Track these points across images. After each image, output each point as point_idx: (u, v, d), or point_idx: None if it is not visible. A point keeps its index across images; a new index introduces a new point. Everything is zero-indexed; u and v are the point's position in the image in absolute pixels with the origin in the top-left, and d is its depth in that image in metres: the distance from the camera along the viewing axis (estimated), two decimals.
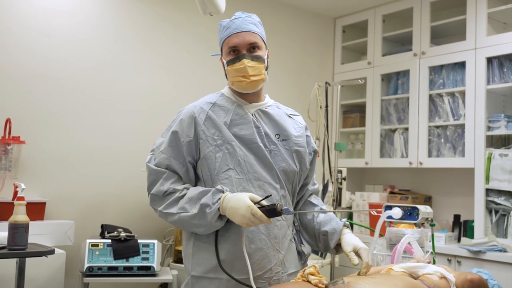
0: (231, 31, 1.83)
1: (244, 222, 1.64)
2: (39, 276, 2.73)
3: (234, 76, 1.83)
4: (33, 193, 3.10)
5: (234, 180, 1.77)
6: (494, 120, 3.61)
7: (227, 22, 1.86)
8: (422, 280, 1.69)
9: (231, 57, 1.83)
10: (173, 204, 1.74)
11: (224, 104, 1.86)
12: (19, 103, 3.12)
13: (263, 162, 1.81)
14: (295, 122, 1.97)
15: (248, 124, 1.82)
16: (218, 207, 1.68)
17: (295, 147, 1.88)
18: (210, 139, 1.78)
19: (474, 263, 3.33)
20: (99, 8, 3.46)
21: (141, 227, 3.47)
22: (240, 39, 1.82)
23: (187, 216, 1.71)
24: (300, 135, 1.94)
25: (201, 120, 1.80)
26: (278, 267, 1.80)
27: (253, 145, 1.80)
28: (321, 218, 1.91)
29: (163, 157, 1.79)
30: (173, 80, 3.77)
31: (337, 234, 1.83)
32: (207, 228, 1.71)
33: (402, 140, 4.18)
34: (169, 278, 2.94)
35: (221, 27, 1.87)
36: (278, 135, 1.88)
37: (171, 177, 1.78)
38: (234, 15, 1.87)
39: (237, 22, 1.84)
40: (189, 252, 1.81)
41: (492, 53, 3.61)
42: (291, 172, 1.86)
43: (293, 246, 1.89)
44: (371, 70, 4.41)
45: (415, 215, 2.17)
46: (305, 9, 4.58)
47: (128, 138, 3.51)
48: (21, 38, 3.14)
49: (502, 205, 3.50)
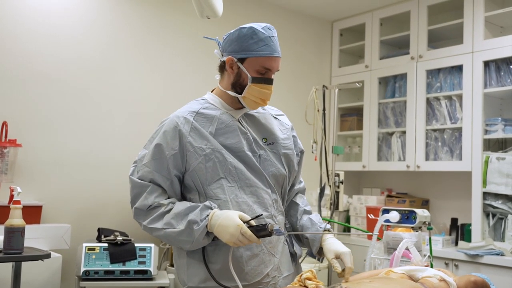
0: (270, 52, 1.76)
1: (232, 241, 1.61)
2: (35, 280, 2.71)
3: (253, 96, 1.78)
4: (29, 196, 3.09)
5: (226, 189, 1.74)
6: (491, 124, 3.61)
7: (264, 36, 1.76)
8: (422, 283, 1.69)
9: (259, 77, 1.77)
10: (158, 219, 1.70)
11: (208, 113, 1.81)
12: (16, 107, 3.11)
13: (253, 169, 1.79)
14: (281, 124, 1.96)
15: (234, 132, 1.79)
16: (206, 224, 1.65)
17: (283, 150, 1.87)
18: (198, 149, 1.74)
19: (471, 267, 3.32)
20: (95, 11, 3.45)
21: (138, 231, 3.45)
22: (276, 64, 1.80)
23: (174, 232, 1.68)
24: (287, 137, 1.92)
25: (186, 132, 1.75)
26: (274, 272, 1.79)
27: (241, 153, 1.78)
28: (303, 222, 1.90)
29: (146, 171, 1.74)
30: (170, 83, 3.76)
31: (318, 241, 1.82)
32: (193, 245, 1.68)
33: (399, 143, 4.18)
34: (166, 282, 2.93)
35: (255, 36, 1.76)
36: (265, 139, 1.86)
37: (155, 190, 1.73)
38: (267, 27, 1.78)
39: (275, 43, 1.79)
40: (183, 263, 1.78)
41: (489, 57, 3.61)
42: (280, 176, 1.85)
43: (286, 248, 1.88)
44: (368, 73, 4.41)
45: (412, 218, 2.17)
46: (302, 12, 4.58)
47: (124, 141, 3.50)
48: (17, 41, 3.13)
49: (500, 208, 3.50)
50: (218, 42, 1.86)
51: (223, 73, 1.87)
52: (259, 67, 1.76)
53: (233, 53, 1.78)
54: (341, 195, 3.59)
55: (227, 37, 1.82)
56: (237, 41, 1.77)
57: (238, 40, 1.77)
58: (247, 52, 1.76)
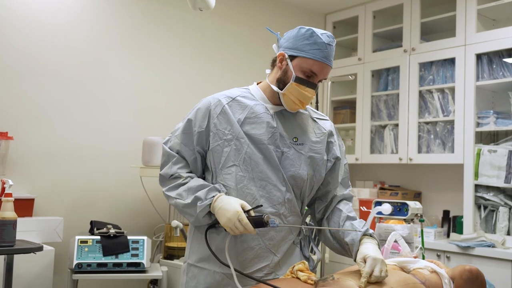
0: (321, 57, 1.75)
1: (229, 226, 1.65)
2: (27, 272, 2.71)
3: (293, 96, 1.78)
4: (21, 189, 3.08)
5: (236, 177, 1.76)
6: (483, 116, 3.63)
7: (321, 41, 1.75)
8: (413, 274, 1.70)
9: (303, 77, 1.76)
10: (174, 189, 1.80)
11: (243, 101, 1.84)
12: (7, 99, 3.09)
13: (271, 164, 1.78)
14: (318, 127, 1.91)
15: (261, 124, 1.80)
16: (209, 204, 1.71)
17: (310, 153, 1.83)
18: (221, 133, 1.79)
19: (463, 259, 3.35)
20: (90, 4, 3.43)
21: (130, 224, 3.46)
22: (323, 72, 1.77)
23: (181, 204, 1.77)
24: (320, 141, 1.87)
25: (216, 114, 1.81)
26: (270, 269, 1.78)
27: (262, 145, 1.78)
28: (345, 227, 1.83)
29: (176, 142, 1.85)
30: (162, 77, 3.75)
31: (356, 245, 1.75)
32: (195, 220, 1.77)
33: (392, 136, 4.19)
34: (158, 275, 2.93)
35: (312, 36, 1.76)
36: (296, 139, 1.84)
37: (180, 162, 1.83)
38: (327, 36, 1.77)
39: (329, 51, 1.77)
40: (190, 240, 1.89)
41: (482, 50, 3.62)
42: (299, 178, 1.81)
43: (296, 250, 1.85)
44: (361, 66, 4.41)
45: (404, 211, 2.18)
46: (295, 5, 4.57)
47: (117, 134, 3.50)
48: (9, 34, 3.11)
49: (491, 200, 3.52)
50: (278, 37, 1.90)
51: (274, 67, 1.88)
52: (306, 69, 1.76)
53: (286, 50, 1.81)
54: None
55: (286, 34, 1.85)
56: (293, 39, 1.80)
57: (294, 38, 1.79)
58: (299, 51, 1.77)
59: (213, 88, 1.99)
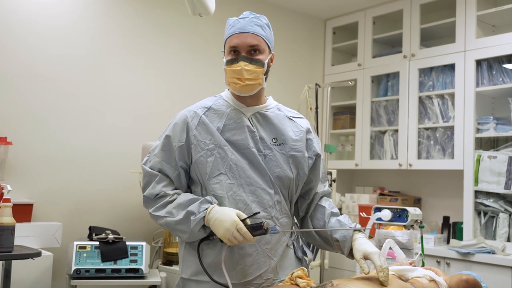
0: (235, 30, 1.79)
1: (227, 237, 1.62)
2: (25, 278, 2.69)
3: (230, 77, 1.79)
4: (20, 194, 3.06)
5: (224, 185, 1.75)
6: (483, 122, 3.63)
7: (233, 21, 1.82)
8: (412, 283, 1.69)
9: (230, 57, 1.79)
10: (162, 208, 1.76)
11: (219, 108, 1.83)
12: (6, 104, 3.09)
13: (256, 167, 1.77)
14: (296, 125, 1.91)
15: (242, 129, 1.79)
16: (203, 217, 1.68)
17: (291, 152, 1.83)
18: (202, 143, 1.77)
19: (463, 265, 3.34)
20: (88, 8, 3.43)
21: (129, 229, 3.44)
22: (241, 40, 1.77)
23: (173, 221, 1.73)
24: (299, 139, 1.87)
25: (194, 125, 1.79)
26: (269, 274, 1.77)
27: (245, 150, 1.77)
28: (332, 224, 1.84)
29: (156, 161, 1.81)
30: (161, 81, 3.74)
31: (348, 242, 1.76)
32: (190, 236, 1.72)
33: (392, 142, 4.19)
34: (157, 281, 2.92)
35: (228, 24, 1.84)
36: (275, 139, 1.83)
37: (163, 180, 1.79)
38: (243, 14, 1.84)
39: (243, 22, 1.80)
40: (181, 254, 1.84)
41: (481, 56, 3.62)
42: (285, 178, 1.81)
43: (290, 252, 1.85)
44: (361, 71, 4.41)
45: (404, 217, 2.18)
46: (295, 11, 4.58)
47: (116, 139, 3.49)
48: (7, 38, 3.10)
49: (491, 207, 3.51)
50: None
51: None
52: (229, 48, 1.81)
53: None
54: (333, 193, 3.59)
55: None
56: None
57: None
58: (224, 42, 1.84)
59: (213, 92, 1.97)
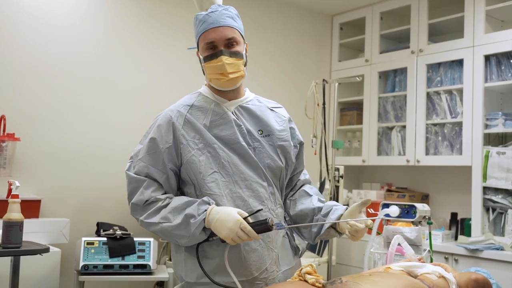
0: (208, 25, 1.74)
1: (231, 237, 1.59)
2: (34, 274, 2.70)
3: (211, 74, 1.77)
4: (28, 190, 3.08)
5: (220, 183, 1.72)
6: (491, 118, 3.60)
7: (203, 16, 1.77)
8: (421, 279, 1.68)
9: (208, 53, 1.75)
10: (155, 214, 1.69)
11: (202, 105, 1.80)
12: (14, 100, 3.10)
13: (248, 161, 1.76)
14: (278, 115, 1.91)
15: (229, 124, 1.77)
16: (203, 218, 1.63)
17: (278, 142, 1.83)
18: (191, 143, 1.73)
19: (471, 262, 3.32)
20: (95, 6, 3.43)
21: (137, 225, 3.42)
22: (217, 34, 1.74)
23: (170, 226, 1.66)
24: (283, 128, 1.88)
25: (180, 125, 1.74)
26: (273, 266, 1.78)
27: (236, 145, 1.76)
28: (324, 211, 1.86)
29: (142, 165, 1.73)
30: (169, 78, 3.74)
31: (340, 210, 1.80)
32: (190, 240, 1.66)
33: (399, 138, 4.17)
34: (165, 277, 2.92)
35: (197, 20, 1.78)
36: (261, 131, 1.83)
37: (151, 185, 1.72)
38: (211, 8, 1.78)
39: (214, 16, 1.75)
40: (181, 258, 1.77)
41: (490, 51, 3.60)
42: (277, 168, 1.82)
43: (286, 242, 1.86)
44: (368, 67, 4.39)
45: (412, 213, 2.16)
46: (302, 6, 4.56)
47: (123, 135, 3.49)
48: (15, 36, 3.11)
49: (500, 203, 3.49)
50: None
51: None
52: (205, 45, 1.77)
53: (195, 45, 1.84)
54: (341, 189, 3.59)
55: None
56: (194, 33, 1.82)
57: (194, 31, 1.82)
58: (196, 37, 1.80)
59: None
